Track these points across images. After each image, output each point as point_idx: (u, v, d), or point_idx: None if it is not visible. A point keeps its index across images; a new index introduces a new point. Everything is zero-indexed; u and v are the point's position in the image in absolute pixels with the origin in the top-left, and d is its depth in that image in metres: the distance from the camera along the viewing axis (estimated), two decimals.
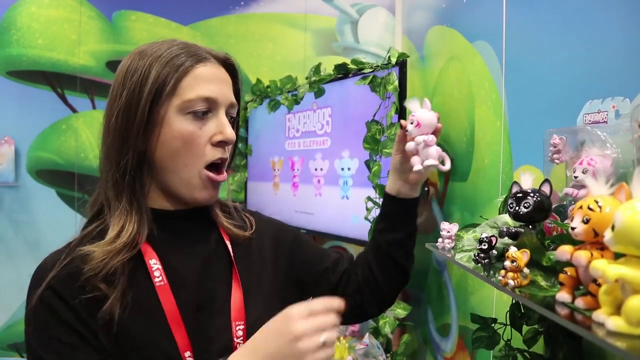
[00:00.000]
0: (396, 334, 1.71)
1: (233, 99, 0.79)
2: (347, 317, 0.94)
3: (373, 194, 1.56)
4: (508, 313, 0.93)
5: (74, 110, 2.32)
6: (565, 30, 1.00)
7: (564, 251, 0.50)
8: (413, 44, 2.01)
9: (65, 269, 0.69)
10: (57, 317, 0.68)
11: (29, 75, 2.27)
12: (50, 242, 2.31)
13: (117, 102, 0.74)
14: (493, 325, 0.94)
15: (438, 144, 0.84)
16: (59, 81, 2.30)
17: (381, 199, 1.53)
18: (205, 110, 0.74)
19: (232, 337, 0.75)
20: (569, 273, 0.51)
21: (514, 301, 0.93)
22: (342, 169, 1.82)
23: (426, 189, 1.73)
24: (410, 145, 0.82)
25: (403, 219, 0.96)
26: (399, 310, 1.50)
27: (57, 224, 2.31)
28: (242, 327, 0.76)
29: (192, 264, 0.78)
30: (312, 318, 0.63)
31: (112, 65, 2.30)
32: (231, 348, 0.74)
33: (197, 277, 0.77)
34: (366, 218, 1.57)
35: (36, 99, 2.28)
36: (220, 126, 0.76)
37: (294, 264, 0.92)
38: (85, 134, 2.32)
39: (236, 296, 0.78)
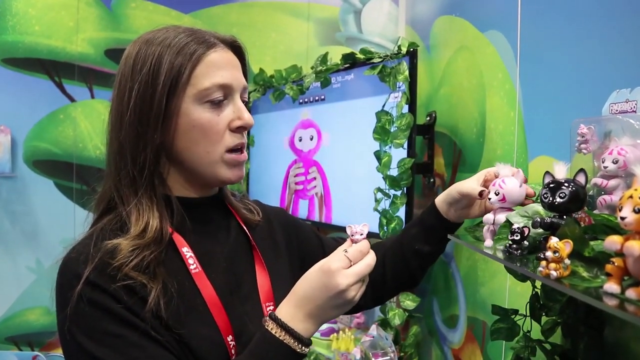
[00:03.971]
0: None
1: (245, 83, 0.79)
2: None
3: (383, 184, 1.55)
4: (528, 304, 0.93)
5: (72, 100, 2.28)
6: (585, 18, 0.99)
7: (613, 241, 0.48)
8: (418, 34, 1.99)
9: (98, 262, 0.67)
10: (102, 309, 0.65)
11: (26, 63, 2.22)
12: (48, 233, 2.28)
13: (127, 96, 0.72)
14: (513, 316, 0.93)
15: (448, 137, 0.80)
16: (56, 69, 2.25)
17: (391, 190, 1.53)
18: (221, 98, 0.74)
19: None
20: (616, 263, 0.50)
21: (533, 292, 0.93)
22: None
23: (432, 179, 1.72)
24: (489, 219, 0.71)
25: (440, 237, 0.93)
26: (408, 302, 1.50)
27: (55, 215, 2.27)
28: (272, 308, 0.78)
29: (219, 251, 0.79)
30: (352, 268, 0.67)
31: (111, 53, 2.26)
32: None
33: (224, 263, 0.78)
34: (375, 209, 1.56)
35: (33, 87, 2.23)
36: (238, 111, 0.75)
37: (302, 249, 0.94)
38: (83, 124, 2.28)
39: (263, 279, 0.81)
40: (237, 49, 0.80)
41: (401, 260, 0.95)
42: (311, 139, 2.02)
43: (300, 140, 2.08)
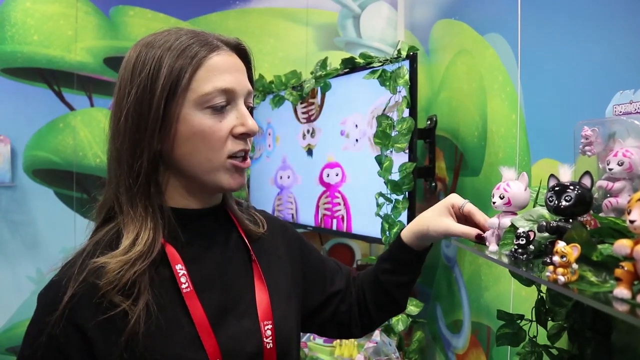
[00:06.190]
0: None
1: (250, 87, 0.75)
2: (332, 334, 0.97)
3: (384, 189, 1.54)
4: (533, 309, 0.91)
5: (71, 108, 2.27)
6: (587, 18, 0.98)
7: (623, 245, 0.47)
8: (417, 38, 1.99)
9: (80, 287, 0.64)
10: (59, 350, 0.64)
11: (25, 73, 2.22)
12: (48, 242, 2.27)
13: (125, 101, 0.69)
14: (519, 321, 0.92)
15: (449, 141, 0.80)
16: (55, 78, 2.24)
17: (392, 195, 1.52)
18: (224, 104, 0.70)
19: (262, 338, 0.73)
20: (626, 268, 0.49)
21: (539, 297, 0.91)
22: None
23: (434, 184, 1.71)
24: (493, 223, 0.71)
25: (413, 266, 0.92)
26: (412, 307, 1.48)
27: (56, 224, 2.26)
28: (270, 326, 0.74)
29: (216, 265, 0.75)
30: None
31: (109, 61, 2.25)
32: (262, 349, 0.72)
33: (222, 278, 0.75)
34: (377, 214, 1.55)
35: (32, 96, 2.22)
36: (241, 117, 0.71)
37: (305, 266, 0.91)
38: (83, 132, 2.27)
39: (262, 296, 0.76)
40: (242, 52, 0.76)
41: (382, 293, 0.93)
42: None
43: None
